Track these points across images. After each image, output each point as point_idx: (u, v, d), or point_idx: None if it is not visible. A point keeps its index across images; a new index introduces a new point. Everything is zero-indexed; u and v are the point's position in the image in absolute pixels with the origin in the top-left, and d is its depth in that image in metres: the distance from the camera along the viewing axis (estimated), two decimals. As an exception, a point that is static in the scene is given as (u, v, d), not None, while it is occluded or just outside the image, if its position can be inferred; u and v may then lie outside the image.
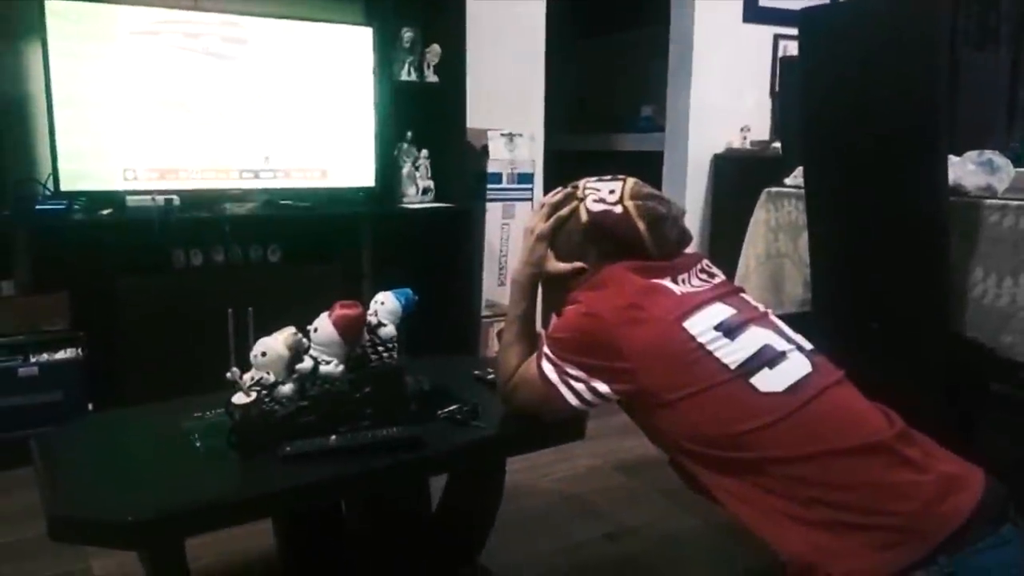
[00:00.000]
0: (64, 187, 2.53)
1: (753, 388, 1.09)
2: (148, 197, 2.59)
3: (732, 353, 1.12)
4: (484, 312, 3.41)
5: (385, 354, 1.47)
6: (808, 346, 1.19)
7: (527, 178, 3.44)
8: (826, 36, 1.93)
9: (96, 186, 2.59)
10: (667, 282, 1.22)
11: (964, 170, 1.79)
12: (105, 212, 2.56)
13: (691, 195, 4.25)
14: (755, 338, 1.15)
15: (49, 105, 2.48)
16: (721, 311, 1.18)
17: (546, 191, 3.73)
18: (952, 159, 1.76)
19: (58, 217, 2.49)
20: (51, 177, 2.54)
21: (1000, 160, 1.80)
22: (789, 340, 1.18)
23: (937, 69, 1.63)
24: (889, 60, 1.71)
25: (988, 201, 1.71)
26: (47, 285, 2.55)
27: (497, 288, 3.46)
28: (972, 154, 1.82)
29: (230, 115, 2.78)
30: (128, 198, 2.60)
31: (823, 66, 1.92)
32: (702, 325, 1.15)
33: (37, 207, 2.50)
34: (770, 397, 1.08)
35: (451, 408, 1.43)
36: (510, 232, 3.43)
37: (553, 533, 2.12)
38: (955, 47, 3.43)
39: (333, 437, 1.30)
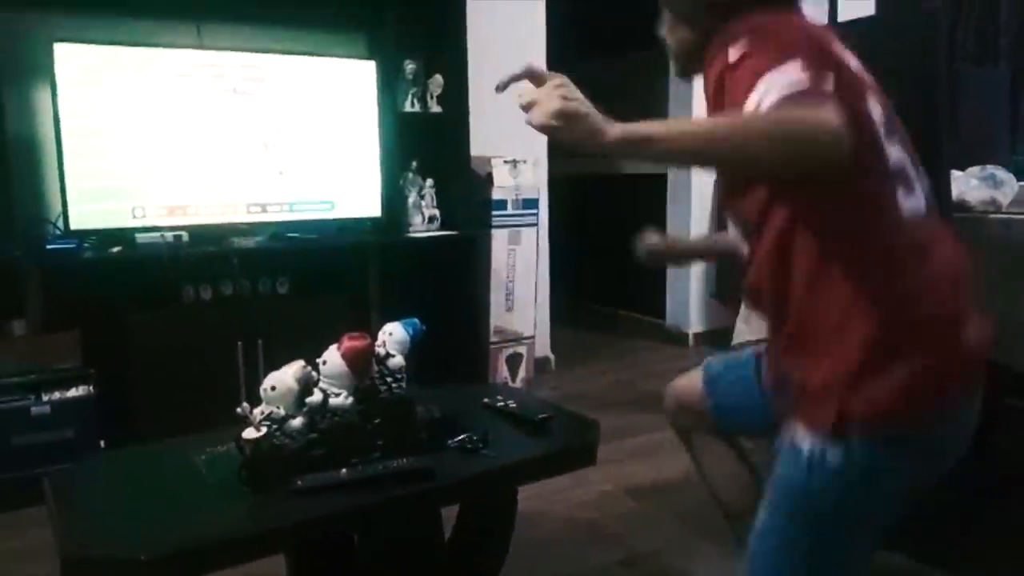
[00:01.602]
0: (74, 226, 2.56)
1: (895, 197, 1.04)
2: (157, 234, 2.62)
3: (890, 155, 1.05)
4: (492, 338, 3.41)
5: (394, 385, 1.47)
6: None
7: (532, 203, 3.46)
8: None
9: (105, 224, 2.62)
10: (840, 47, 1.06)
11: (967, 185, 1.80)
12: (115, 250, 2.59)
13: (696, 216, 4.27)
14: (899, 152, 1.07)
15: (58, 145, 2.51)
16: (878, 102, 1.08)
17: (551, 216, 3.78)
18: (955, 174, 1.77)
19: (69, 256, 2.51)
20: (61, 216, 2.58)
21: (1003, 174, 1.80)
22: (919, 175, 1.10)
23: (936, 80, 1.63)
24: (890, 76, 1.73)
25: (992, 215, 1.71)
26: (58, 323, 2.57)
27: (505, 313, 3.47)
28: (975, 169, 1.83)
29: (236, 150, 2.81)
30: (137, 235, 2.63)
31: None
32: (875, 112, 1.06)
33: (48, 247, 2.53)
34: (903, 215, 1.04)
35: (461, 437, 1.43)
36: (516, 258, 3.45)
37: (567, 560, 2.10)
38: (955, 62, 3.44)
39: (344, 470, 1.30)
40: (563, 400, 3.36)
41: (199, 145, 2.74)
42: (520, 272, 3.48)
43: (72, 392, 2.49)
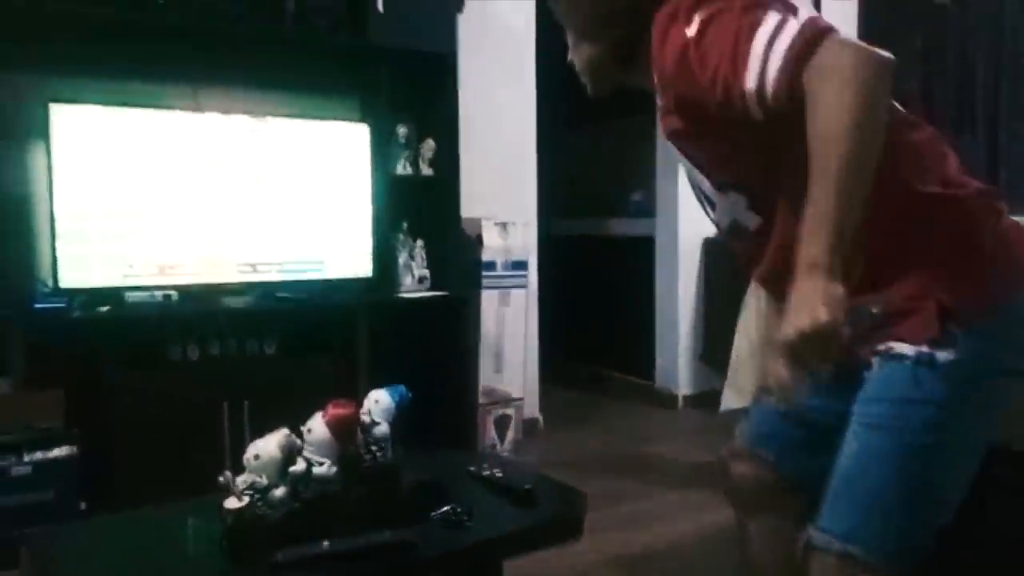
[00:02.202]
0: (64, 284, 2.56)
1: None
2: (147, 293, 2.62)
3: None
4: (481, 400, 3.40)
5: (379, 453, 1.46)
6: None
7: (522, 265, 3.49)
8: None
9: (95, 282, 2.62)
10: None
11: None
12: (103, 309, 2.58)
13: (683, 279, 4.30)
14: None
15: (51, 204, 2.53)
16: None
17: (540, 277, 3.81)
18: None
19: (57, 315, 2.50)
20: (51, 274, 2.58)
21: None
22: None
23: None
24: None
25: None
26: (43, 381, 2.55)
27: (493, 375, 3.46)
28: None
29: (229, 210, 2.83)
30: (127, 294, 2.63)
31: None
32: None
33: (36, 306, 2.52)
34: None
35: (445, 509, 1.41)
36: (505, 319, 3.46)
37: (554, 633, 2.06)
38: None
39: (326, 542, 1.28)
40: (551, 464, 3.34)
41: (192, 204, 2.76)
42: (509, 333, 3.49)
43: (54, 452, 2.46)
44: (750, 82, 0.98)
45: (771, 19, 0.97)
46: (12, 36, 2.62)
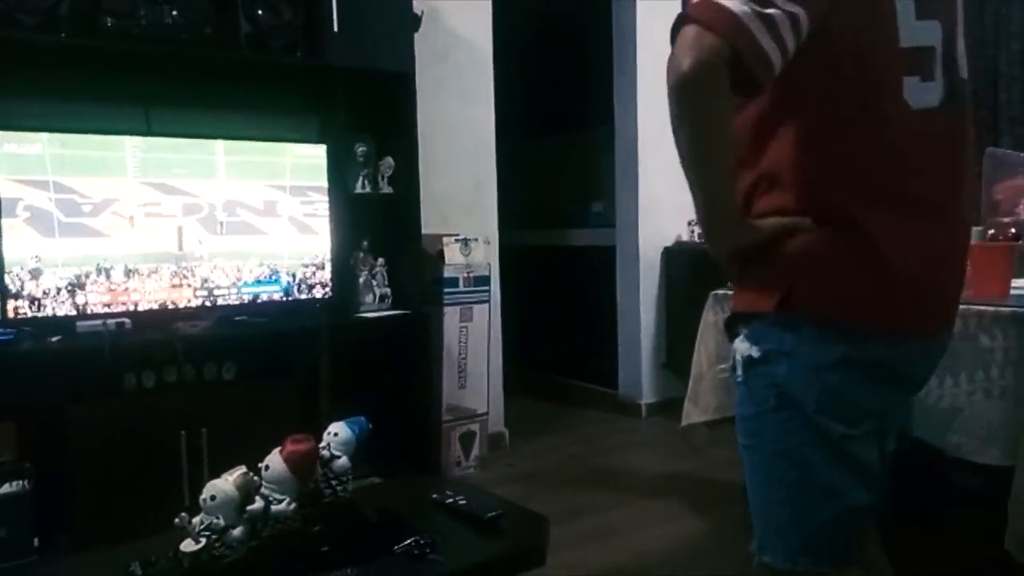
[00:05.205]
0: (11, 315, 2.49)
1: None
2: (99, 322, 2.56)
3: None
4: (445, 417, 3.39)
5: (339, 487, 1.45)
6: None
7: (484, 280, 3.49)
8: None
9: (45, 312, 2.55)
10: None
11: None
12: (55, 339, 2.52)
13: (644, 288, 4.34)
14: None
15: (-2, 234, 2.47)
16: None
17: (503, 287, 3.82)
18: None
19: (5, 348, 2.44)
20: (-1, 305, 2.51)
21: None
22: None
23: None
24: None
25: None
26: (-7, 416, 2.48)
27: (457, 391, 3.46)
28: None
29: (183, 232, 2.79)
30: (78, 323, 2.57)
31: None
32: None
33: (-17, 339, 2.45)
34: None
35: (408, 542, 1.40)
36: (468, 335, 3.45)
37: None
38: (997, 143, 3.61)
39: (285, 583, 1.27)
40: (517, 479, 3.35)
41: (144, 229, 2.71)
42: (472, 349, 3.49)
43: (6, 488, 2.39)
44: None
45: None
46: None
